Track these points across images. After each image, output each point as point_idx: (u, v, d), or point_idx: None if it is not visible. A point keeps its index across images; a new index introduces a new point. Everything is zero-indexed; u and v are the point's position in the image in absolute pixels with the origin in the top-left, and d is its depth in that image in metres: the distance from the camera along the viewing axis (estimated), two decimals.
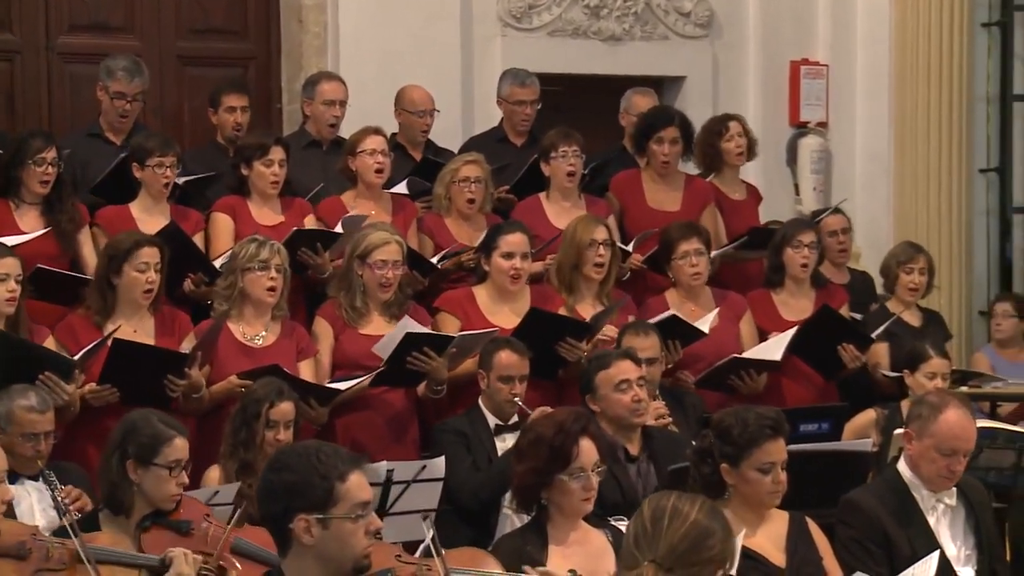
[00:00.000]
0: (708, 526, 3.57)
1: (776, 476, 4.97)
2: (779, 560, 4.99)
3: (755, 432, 4.96)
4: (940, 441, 5.26)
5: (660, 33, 10.13)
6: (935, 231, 9.88)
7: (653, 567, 3.51)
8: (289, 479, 3.83)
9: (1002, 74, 10.33)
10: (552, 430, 5.03)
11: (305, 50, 9.39)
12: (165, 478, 4.97)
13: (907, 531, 5.26)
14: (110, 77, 7.85)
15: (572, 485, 4.99)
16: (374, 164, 7.62)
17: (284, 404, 5.94)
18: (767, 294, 7.82)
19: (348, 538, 3.84)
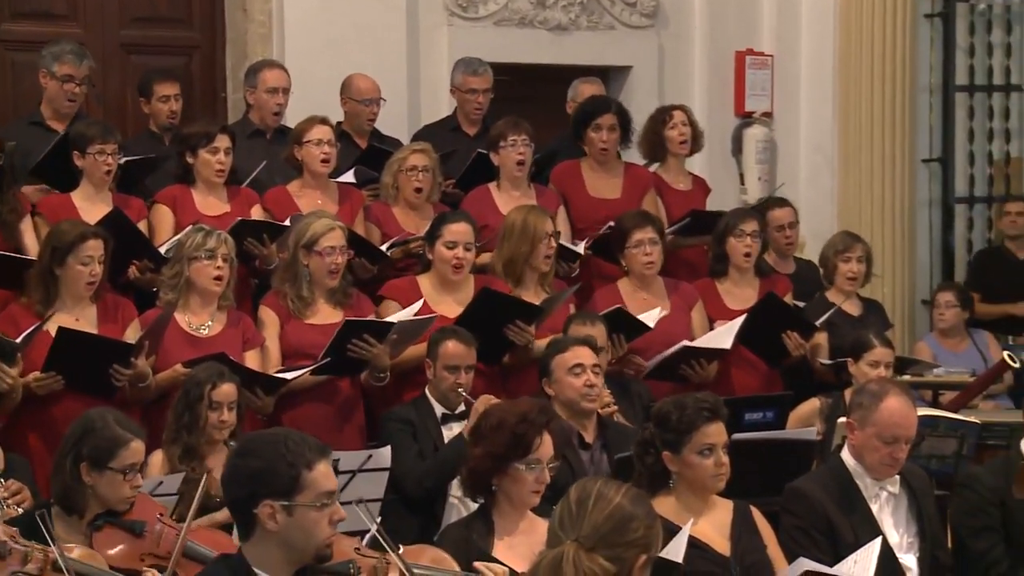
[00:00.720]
0: (631, 511, 3.60)
1: (718, 459, 5.01)
2: (724, 548, 5.02)
3: (693, 416, 5.01)
4: (881, 429, 5.32)
5: (606, 23, 10.14)
6: (878, 221, 9.94)
7: (575, 545, 3.53)
8: (256, 465, 3.86)
9: (944, 65, 10.41)
10: (515, 418, 5.02)
11: (250, 39, 9.34)
12: (119, 482, 4.90)
13: (850, 519, 5.31)
14: (56, 61, 7.78)
15: (526, 475, 4.99)
16: (320, 154, 7.59)
17: (226, 386, 5.95)
18: (712, 283, 7.86)
19: (312, 526, 3.87)
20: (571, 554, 3.52)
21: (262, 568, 3.87)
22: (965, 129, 10.53)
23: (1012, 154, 10.69)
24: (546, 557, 3.58)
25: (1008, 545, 5.61)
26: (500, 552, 4.91)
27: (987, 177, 10.62)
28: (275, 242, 7.20)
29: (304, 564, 3.96)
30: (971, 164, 10.57)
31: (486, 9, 9.82)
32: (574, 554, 3.53)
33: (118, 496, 4.92)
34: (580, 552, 3.53)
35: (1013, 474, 5.39)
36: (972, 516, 5.70)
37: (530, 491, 5.03)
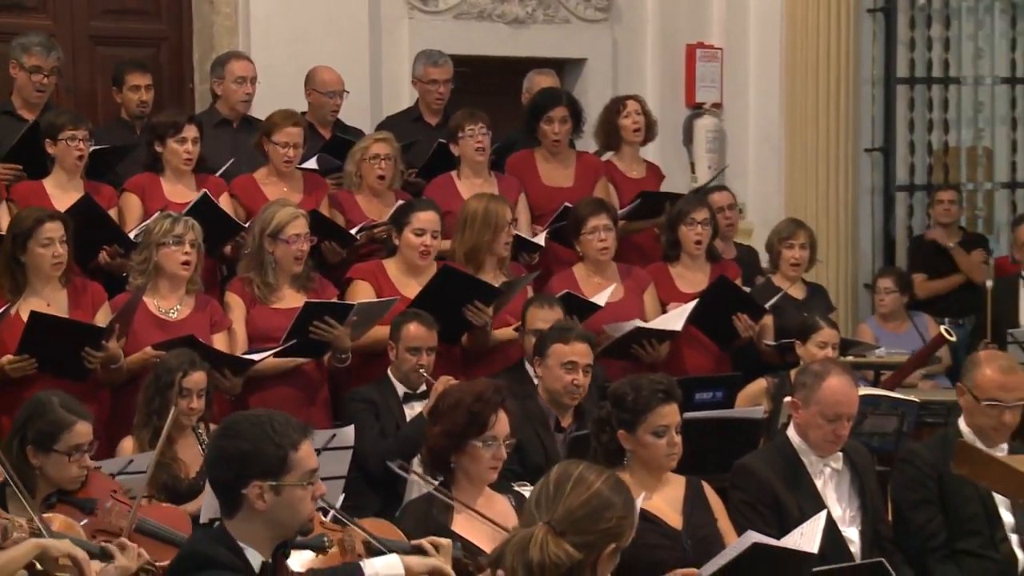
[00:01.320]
0: (609, 498, 3.50)
1: (671, 439, 5.03)
2: (676, 522, 5.05)
3: (648, 398, 5.03)
4: (824, 407, 5.36)
5: (562, 16, 10.16)
6: (823, 208, 10.00)
7: (546, 528, 3.44)
8: (245, 447, 3.87)
9: (886, 58, 10.47)
10: (471, 397, 5.02)
11: (216, 31, 9.31)
12: (65, 463, 4.90)
13: (796, 494, 5.35)
14: (25, 52, 7.76)
15: (483, 452, 4.98)
16: (285, 156, 7.57)
17: (196, 374, 5.95)
18: (664, 267, 7.90)
19: (298, 504, 3.91)
20: (540, 536, 3.43)
21: (246, 543, 3.90)
22: (906, 120, 10.60)
23: (950, 144, 10.77)
24: (516, 536, 3.50)
25: (945, 517, 5.66)
26: (459, 526, 4.92)
27: (927, 166, 10.69)
28: None
29: (286, 539, 4.01)
30: (911, 153, 10.65)
31: (446, 3, 9.82)
32: (543, 537, 3.43)
33: (65, 477, 4.91)
34: (549, 536, 3.43)
35: (951, 450, 5.44)
36: (912, 490, 5.75)
37: (487, 467, 5.02)
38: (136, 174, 7.55)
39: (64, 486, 4.93)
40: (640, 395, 5.04)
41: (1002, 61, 10.82)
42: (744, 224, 9.58)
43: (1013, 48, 10.83)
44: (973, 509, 5.59)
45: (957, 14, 10.68)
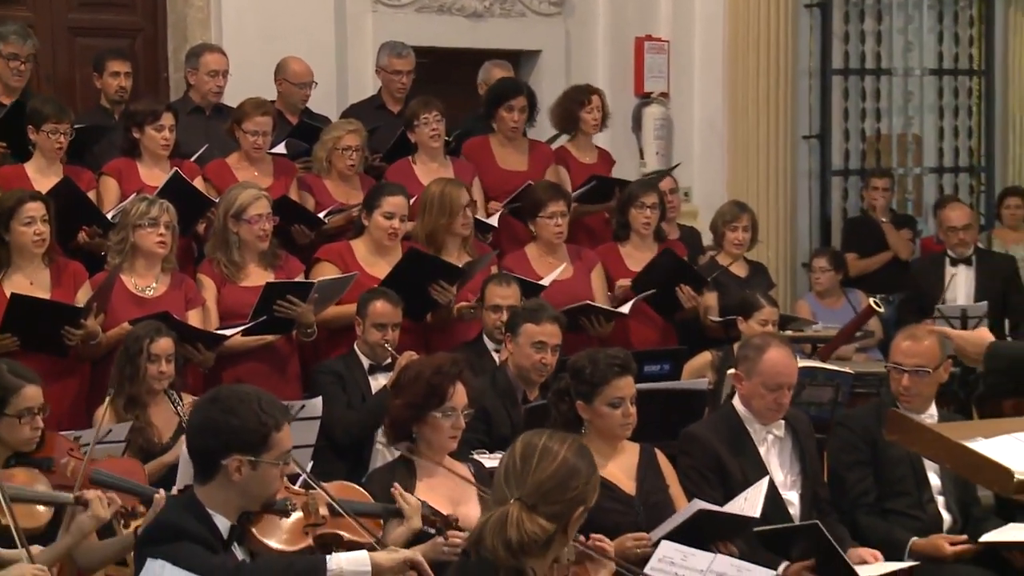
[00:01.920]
0: (575, 465, 3.51)
1: (626, 410, 5.07)
2: (630, 488, 5.10)
3: (605, 371, 5.06)
4: (766, 378, 5.42)
5: (518, 11, 10.13)
6: (763, 191, 10.03)
7: (519, 505, 3.45)
8: (232, 421, 3.90)
9: (822, 50, 10.51)
10: (430, 370, 5.02)
11: (189, 23, 9.24)
12: (17, 426, 4.82)
13: (740, 459, 5.40)
14: (2, 41, 7.74)
15: (443, 422, 4.97)
16: (254, 143, 7.57)
17: (163, 340, 5.95)
18: (615, 247, 7.90)
19: (270, 480, 3.96)
20: (515, 516, 3.44)
21: (214, 509, 3.93)
22: (841, 109, 10.65)
23: (882, 131, 10.82)
24: (492, 516, 3.49)
25: (876, 479, 5.72)
26: (421, 492, 4.89)
27: (860, 152, 10.74)
28: None
29: (252, 509, 4.03)
30: (846, 140, 10.70)
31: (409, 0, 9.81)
32: (517, 515, 3.44)
33: (19, 439, 4.85)
34: (523, 513, 3.44)
35: (883, 417, 5.46)
36: (847, 452, 5.81)
37: (447, 437, 5.01)
38: (114, 159, 7.50)
39: (19, 448, 4.87)
40: (597, 368, 5.07)
41: (930, 53, 10.88)
42: (689, 207, 9.61)
43: (940, 41, 10.89)
44: (902, 472, 5.68)
45: (888, 9, 10.73)
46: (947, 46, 10.89)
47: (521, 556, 3.47)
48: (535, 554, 3.50)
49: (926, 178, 10.99)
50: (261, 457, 3.90)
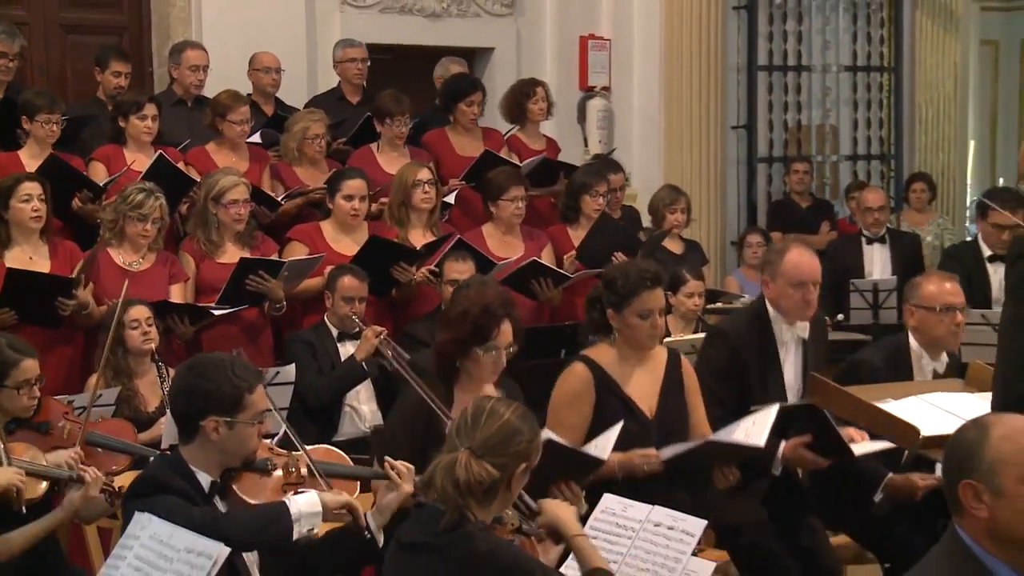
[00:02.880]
0: (518, 426, 3.63)
1: (654, 321, 4.88)
2: (650, 407, 4.91)
3: (636, 283, 4.86)
4: (790, 277, 5.22)
5: (472, 11, 10.11)
6: (696, 176, 10.05)
7: (468, 452, 3.57)
8: (207, 385, 3.89)
9: (749, 48, 10.53)
10: (478, 308, 4.77)
11: (172, 21, 9.17)
12: (16, 396, 4.76)
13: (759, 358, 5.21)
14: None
15: (484, 359, 4.75)
16: (241, 131, 7.60)
17: (136, 307, 5.98)
18: (564, 228, 7.85)
19: (247, 439, 3.95)
20: (463, 460, 3.56)
21: (197, 467, 3.94)
22: (765, 102, 10.66)
23: (803, 122, 10.86)
24: (443, 460, 3.61)
25: None
26: (456, 413, 4.59)
27: (783, 141, 10.77)
28: None
29: (232, 466, 4.03)
30: (770, 130, 10.72)
31: (372, 1, 9.75)
32: (466, 460, 3.56)
33: (18, 407, 4.80)
34: (471, 459, 3.57)
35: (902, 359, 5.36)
36: None
37: (488, 371, 4.78)
38: (102, 146, 7.49)
39: (18, 415, 4.83)
40: (628, 280, 4.87)
41: (845, 52, 10.92)
42: (629, 190, 9.60)
43: (854, 41, 10.94)
44: None
45: (808, 11, 10.76)
46: (860, 45, 10.93)
47: (466, 496, 3.56)
48: (478, 499, 3.59)
49: (842, 165, 11.04)
50: (236, 417, 3.89)
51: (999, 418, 3.11)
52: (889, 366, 5.41)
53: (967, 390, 4.92)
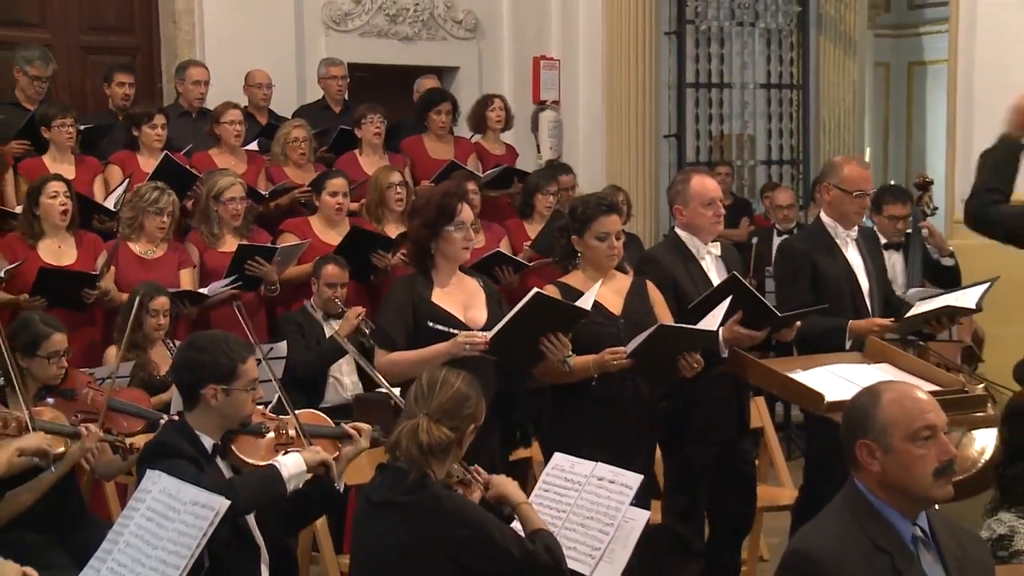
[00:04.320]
0: (467, 392, 3.64)
1: (611, 243, 4.76)
2: (616, 308, 4.79)
3: (593, 209, 4.75)
4: (699, 198, 5.06)
5: (440, 35, 10.10)
6: (634, 178, 10.03)
7: (427, 418, 3.58)
8: (205, 358, 3.88)
9: (678, 68, 10.49)
10: (439, 194, 4.71)
11: (179, 43, 9.12)
12: (46, 365, 4.78)
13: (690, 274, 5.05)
14: (28, 64, 7.70)
15: (456, 235, 4.62)
16: (234, 131, 7.64)
17: (160, 298, 5.99)
18: (521, 223, 7.86)
19: (242, 404, 3.93)
20: (424, 425, 3.57)
21: (201, 431, 3.93)
22: (693, 114, 10.64)
23: (725, 132, 10.85)
24: (406, 426, 3.61)
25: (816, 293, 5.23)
26: (437, 298, 4.63)
27: (708, 148, 10.77)
28: None
29: (231, 428, 4.01)
30: (697, 139, 10.70)
31: (353, 24, 9.71)
32: (426, 425, 3.57)
33: (47, 375, 4.81)
34: (431, 424, 3.58)
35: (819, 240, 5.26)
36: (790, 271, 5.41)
37: (460, 248, 4.67)
38: (117, 151, 7.51)
39: (47, 382, 4.83)
40: (587, 207, 4.77)
41: (760, 71, 10.91)
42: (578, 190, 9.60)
43: (768, 62, 10.92)
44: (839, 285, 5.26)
45: (728, 36, 10.74)
46: (773, 66, 10.93)
47: (428, 456, 3.57)
48: (438, 457, 3.60)
49: (758, 169, 11.04)
50: (232, 385, 3.87)
51: (889, 385, 3.14)
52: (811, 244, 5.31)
53: (864, 362, 4.96)
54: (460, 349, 4.44)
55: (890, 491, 3.02)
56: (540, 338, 4.46)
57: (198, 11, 9.08)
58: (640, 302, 4.84)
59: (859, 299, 5.20)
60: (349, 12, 9.67)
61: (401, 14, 9.89)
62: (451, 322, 4.55)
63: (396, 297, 4.69)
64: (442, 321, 4.55)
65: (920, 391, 3.12)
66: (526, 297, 4.42)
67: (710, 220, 5.07)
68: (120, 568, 3.58)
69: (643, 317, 4.76)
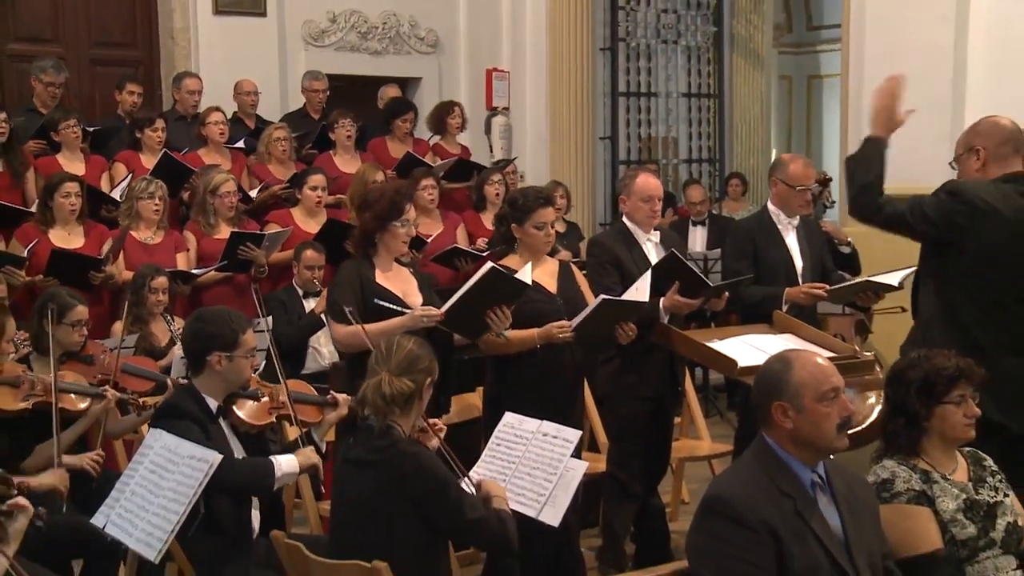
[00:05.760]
0: (419, 353, 3.60)
1: (547, 231, 4.69)
2: (552, 288, 4.75)
3: (532, 202, 4.68)
4: (640, 194, 5.01)
5: (405, 50, 10.03)
6: (574, 175, 10.02)
7: (388, 373, 3.54)
8: (212, 329, 3.89)
9: (612, 79, 10.50)
10: (392, 191, 4.68)
11: (176, 57, 9.00)
12: (70, 332, 4.73)
13: (632, 255, 5.00)
14: (43, 72, 7.62)
15: (400, 231, 4.59)
16: (218, 130, 7.61)
17: (160, 278, 5.94)
18: (476, 214, 7.78)
19: (242, 369, 3.92)
20: (387, 379, 3.53)
21: (206, 393, 3.92)
22: (624, 119, 10.65)
23: (652, 135, 10.87)
24: (371, 382, 3.57)
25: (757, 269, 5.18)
26: (379, 279, 4.60)
27: (638, 148, 10.79)
28: None
29: (232, 391, 3.98)
30: (628, 140, 10.72)
31: (329, 40, 9.62)
32: (388, 378, 3.53)
33: (70, 341, 4.76)
34: (393, 378, 3.54)
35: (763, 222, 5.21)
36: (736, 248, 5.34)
37: (401, 242, 4.63)
38: (123, 150, 7.46)
39: (70, 348, 4.77)
40: (527, 200, 4.69)
41: (682, 83, 10.94)
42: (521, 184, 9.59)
43: (688, 75, 10.95)
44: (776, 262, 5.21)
45: (655, 52, 10.75)
46: (693, 78, 10.96)
47: (391, 405, 3.52)
48: (400, 407, 3.55)
49: (680, 167, 11.08)
50: (234, 353, 3.87)
51: (796, 354, 3.15)
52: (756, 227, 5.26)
53: (771, 332, 4.98)
54: (417, 321, 4.40)
55: (799, 445, 3.03)
56: (486, 310, 4.42)
57: (193, 29, 8.99)
58: (569, 283, 4.82)
59: (793, 276, 5.19)
60: (326, 30, 9.61)
61: (371, 32, 9.83)
62: (395, 301, 4.51)
63: (346, 276, 4.62)
64: (387, 299, 4.50)
65: (821, 358, 3.14)
66: (481, 270, 4.39)
67: (646, 214, 5.04)
68: (127, 514, 3.57)
69: (574, 295, 4.76)
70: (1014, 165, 4.24)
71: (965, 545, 3.30)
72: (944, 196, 4.19)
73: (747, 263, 5.21)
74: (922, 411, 3.38)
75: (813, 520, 2.97)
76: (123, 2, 9.04)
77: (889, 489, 3.32)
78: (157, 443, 3.68)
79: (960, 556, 3.30)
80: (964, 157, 4.30)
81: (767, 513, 2.92)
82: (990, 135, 4.26)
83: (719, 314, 5.51)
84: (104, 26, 9.00)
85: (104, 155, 7.49)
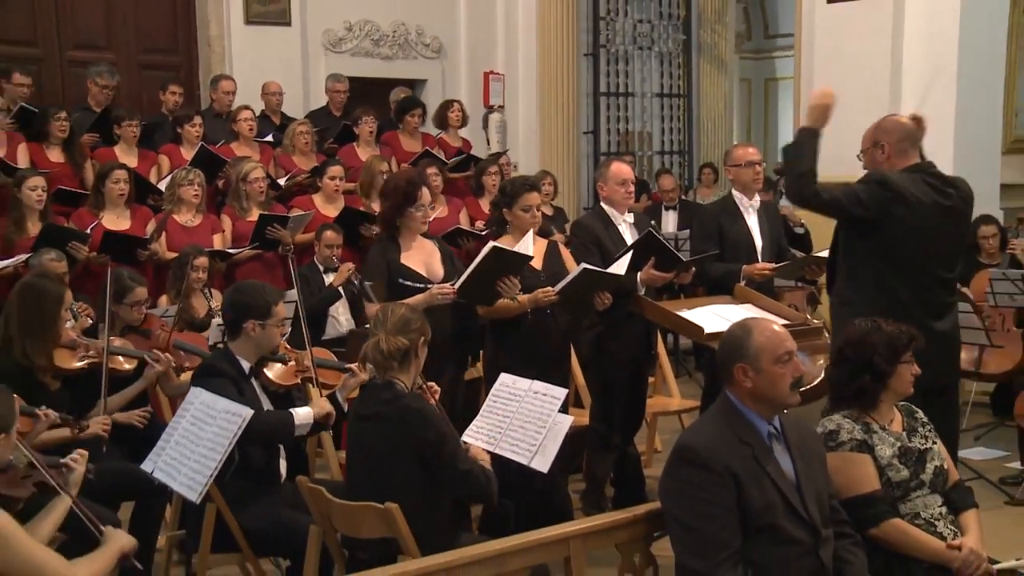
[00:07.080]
0: (411, 316, 3.59)
1: (533, 214, 4.67)
2: (538, 265, 4.73)
3: (519, 187, 4.68)
4: (615, 178, 4.95)
5: (412, 56, 9.98)
6: (561, 165, 9.99)
7: (384, 333, 3.52)
8: (248, 300, 3.85)
9: (594, 80, 10.43)
10: (404, 181, 4.64)
11: (212, 61, 8.96)
12: (130, 311, 4.73)
13: (610, 235, 4.95)
14: (99, 76, 7.61)
15: (417, 214, 4.58)
16: (247, 126, 7.56)
17: (201, 257, 5.90)
18: (476, 200, 7.76)
19: (273, 336, 3.88)
20: (383, 337, 3.52)
21: (240, 356, 3.88)
22: (605, 116, 10.60)
23: (630, 129, 10.81)
24: (370, 342, 3.56)
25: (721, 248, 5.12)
26: (404, 258, 4.57)
27: (617, 142, 10.74)
28: None
29: (264, 355, 3.95)
30: (608, 135, 10.66)
31: (346, 47, 9.57)
32: (385, 337, 3.52)
33: (130, 318, 4.75)
34: (388, 335, 3.53)
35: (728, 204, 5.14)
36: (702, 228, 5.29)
37: (420, 223, 4.60)
38: (165, 143, 7.44)
39: (130, 323, 4.77)
40: (515, 186, 4.69)
41: (656, 84, 10.86)
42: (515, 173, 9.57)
43: (661, 77, 10.87)
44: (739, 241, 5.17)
45: (632, 58, 10.68)
46: (665, 80, 10.89)
47: (390, 360, 3.50)
48: (399, 362, 3.52)
49: (654, 158, 11.03)
50: (267, 321, 3.83)
51: (755, 321, 3.14)
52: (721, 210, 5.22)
53: (734, 303, 4.97)
54: (434, 299, 4.43)
55: (757, 400, 3.03)
56: (496, 280, 4.42)
57: (227, 37, 8.96)
58: (555, 260, 4.83)
59: (753, 253, 5.18)
60: (343, 37, 9.57)
61: (383, 39, 9.79)
62: (418, 278, 4.52)
63: (374, 258, 4.64)
64: (410, 278, 4.52)
65: (777, 325, 3.13)
66: (484, 250, 4.40)
67: (622, 195, 5.00)
68: (172, 461, 3.57)
69: (559, 270, 4.75)
70: (913, 158, 4.20)
71: (899, 486, 3.32)
72: (874, 184, 4.17)
73: (712, 242, 5.20)
74: (888, 369, 3.37)
75: (769, 465, 2.98)
76: (167, 13, 9.01)
77: (835, 439, 3.33)
78: (197, 399, 3.66)
79: (895, 495, 3.32)
80: (871, 151, 4.26)
81: (729, 459, 2.92)
82: (893, 131, 4.22)
83: (687, 287, 5.50)
84: (150, 35, 8.97)
85: (150, 147, 7.47)
